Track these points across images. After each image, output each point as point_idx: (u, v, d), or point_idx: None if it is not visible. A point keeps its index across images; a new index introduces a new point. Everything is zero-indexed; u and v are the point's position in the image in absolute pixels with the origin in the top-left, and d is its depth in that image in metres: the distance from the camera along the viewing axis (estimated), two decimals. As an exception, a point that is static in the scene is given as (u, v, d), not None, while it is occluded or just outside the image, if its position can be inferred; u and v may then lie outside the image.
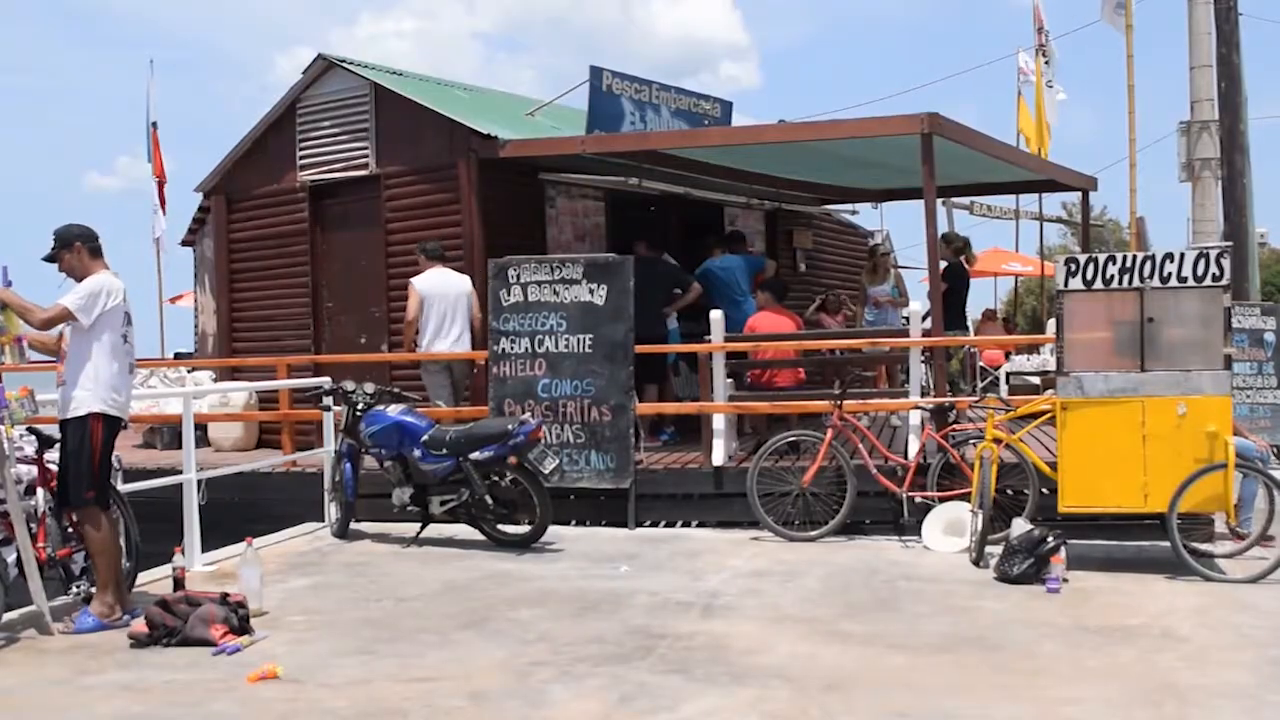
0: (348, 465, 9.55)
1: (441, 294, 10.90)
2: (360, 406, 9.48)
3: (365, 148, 12.48)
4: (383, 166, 12.36)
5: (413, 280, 10.98)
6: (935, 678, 5.47)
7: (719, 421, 10.04)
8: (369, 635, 6.44)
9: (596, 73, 12.28)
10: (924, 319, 10.37)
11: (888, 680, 5.45)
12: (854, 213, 18.37)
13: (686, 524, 9.85)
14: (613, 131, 12.21)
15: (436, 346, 10.87)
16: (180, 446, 9.22)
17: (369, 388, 9.62)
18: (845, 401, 9.19)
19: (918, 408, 9.70)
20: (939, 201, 11.76)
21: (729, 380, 10.25)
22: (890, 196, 16.47)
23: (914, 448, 9.38)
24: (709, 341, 10.09)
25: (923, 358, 10.42)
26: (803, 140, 11.08)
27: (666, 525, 9.86)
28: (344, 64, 12.71)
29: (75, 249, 6.88)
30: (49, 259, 6.92)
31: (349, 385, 9.68)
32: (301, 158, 12.90)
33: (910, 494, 8.88)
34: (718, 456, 9.92)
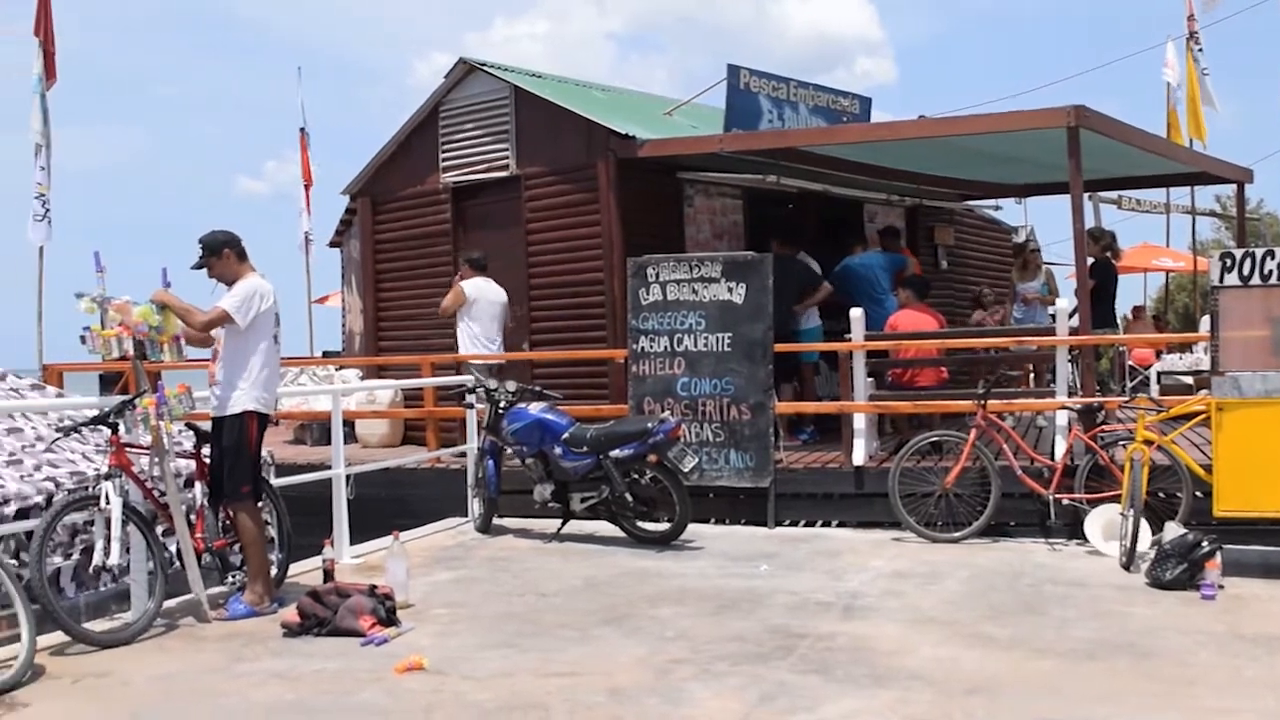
0: (490, 462, 9.70)
1: (488, 300, 11.37)
2: (502, 404, 9.62)
3: (506, 149, 12.66)
4: (523, 167, 12.53)
5: (462, 283, 11.43)
6: (1083, 684, 5.34)
7: (860, 421, 9.95)
8: (511, 629, 6.54)
9: (734, 71, 12.27)
10: (1071, 316, 10.13)
11: (1033, 686, 5.33)
12: (997, 208, 17.97)
13: (826, 523, 9.78)
14: (750, 129, 12.19)
15: (483, 350, 11.30)
16: (329, 443, 9.50)
17: (511, 386, 9.76)
18: (989, 401, 9.02)
19: (1065, 408, 9.47)
20: (1085, 196, 11.44)
21: (870, 379, 10.16)
22: (1034, 191, 16.08)
23: (1061, 449, 9.16)
24: (849, 340, 10.01)
25: (1070, 356, 10.18)
26: (943, 135, 10.89)
27: (806, 524, 9.81)
28: (485, 67, 12.91)
29: (224, 255, 7.13)
30: (198, 267, 7.16)
31: (491, 383, 9.85)
32: (444, 159, 13.15)
33: (1057, 496, 8.68)
34: (858, 456, 9.83)
